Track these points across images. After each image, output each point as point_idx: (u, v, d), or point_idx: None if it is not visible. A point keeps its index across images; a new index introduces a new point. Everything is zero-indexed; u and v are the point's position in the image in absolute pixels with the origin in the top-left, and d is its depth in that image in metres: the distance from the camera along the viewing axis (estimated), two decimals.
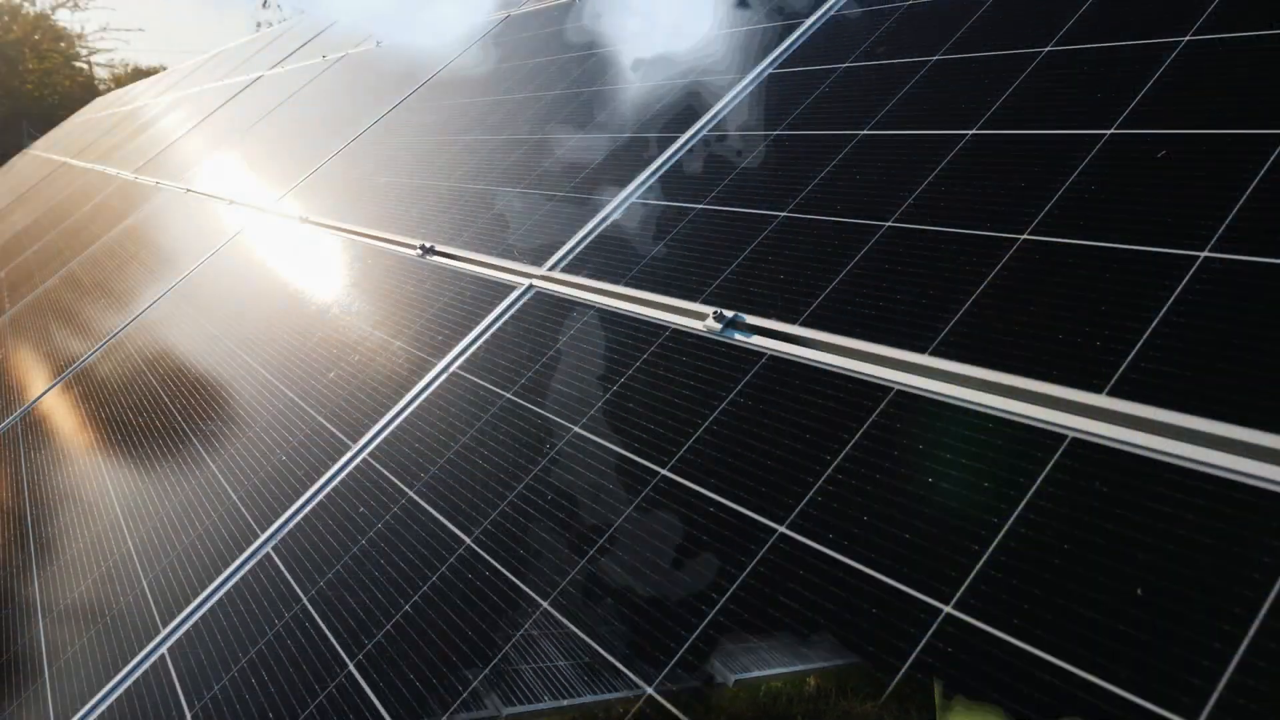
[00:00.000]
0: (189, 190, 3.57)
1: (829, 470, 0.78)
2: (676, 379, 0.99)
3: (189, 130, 5.13)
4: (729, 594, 0.74)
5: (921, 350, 0.83)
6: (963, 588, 0.64)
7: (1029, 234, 0.87)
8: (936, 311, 0.86)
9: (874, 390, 0.82)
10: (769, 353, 0.93)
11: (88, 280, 3.24)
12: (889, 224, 1.00)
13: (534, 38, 2.48)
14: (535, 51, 2.36)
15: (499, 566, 0.91)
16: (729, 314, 1.01)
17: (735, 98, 1.46)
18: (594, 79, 1.93)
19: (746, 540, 0.77)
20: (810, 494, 0.77)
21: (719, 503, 0.82)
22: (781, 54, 1.49)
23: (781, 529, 0.76)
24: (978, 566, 0.65)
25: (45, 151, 10.23)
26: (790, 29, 1.54)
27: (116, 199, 4.47)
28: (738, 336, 0.98)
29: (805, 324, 0.94)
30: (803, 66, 1.41)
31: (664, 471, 0.89)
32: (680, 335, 1.04)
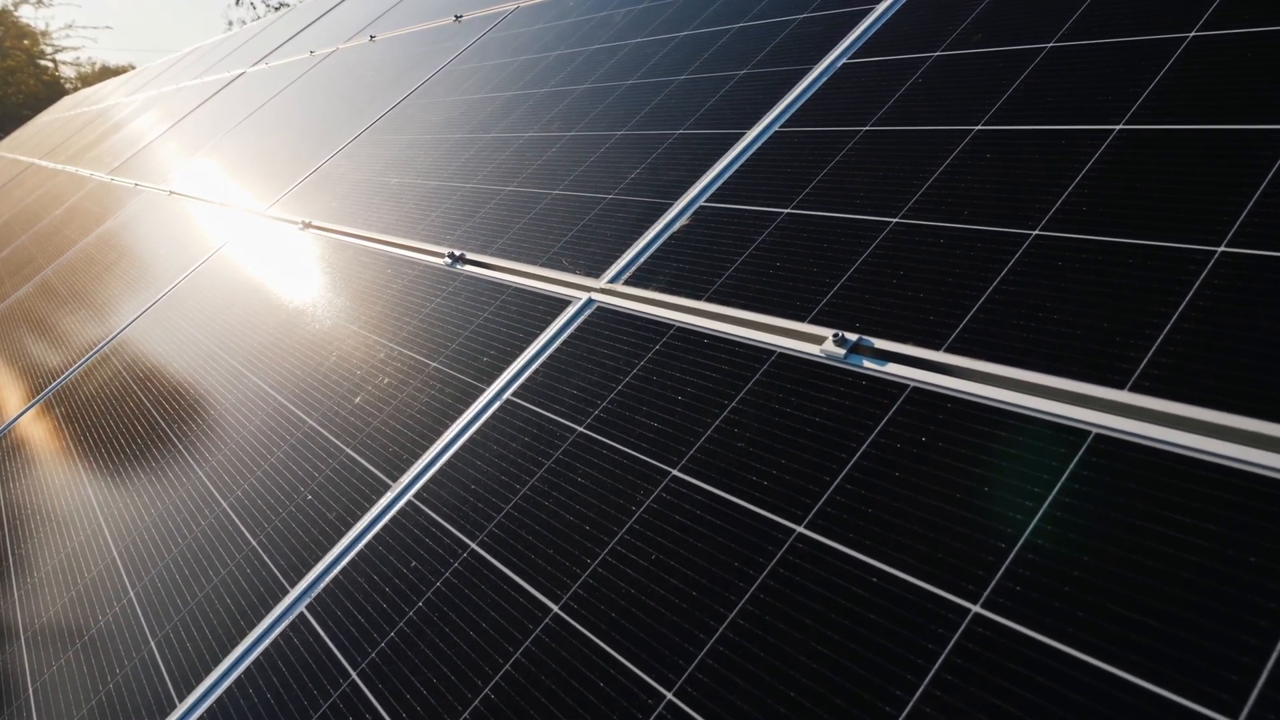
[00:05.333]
0: (172, 192, 3.37)
1: (1025, 534, 0.64)
2: (794, 413, 0.85)
3: (167, 129, 4.91)
4: (919, 693, 0.60)
5: (1119, 385, 0.69)
6: (1252, 697, 0.51)
7: (1226, 245, 0.74)
8: (1127, 338, 0.72)
9: (1065, 434, 0.69)
10: (913, 384, 0.79)
11: (64, 289, 3.04)
12: (1035, 232, 0.86)
13: (550, 29, 2.32)
14: (553, 44, 2.21)
15: (601, 644, 0.76)
16: (852, 337, 0.87)
17: (806, 91, 1.32)
18: (629, 72, 1.78)
19: (929, 621, 0.63)
20: (1006, 564, 0.63)
21: (882, 571, 0.68)
22: (855, 42, 1.35)
23: (976, 608, 0.62)
24: (1268, 667, 0.51)
25: (10, 152, 9.88)
26: (861, 14, 1.41)
27: (91, 202, 4.24)
28: (867, 364, 0.84)
29: (952, 350, 0.81)
30: (883, 56, 1.28)
31: (800, 529, 0.75)
32: (791, 361, 0.90)
